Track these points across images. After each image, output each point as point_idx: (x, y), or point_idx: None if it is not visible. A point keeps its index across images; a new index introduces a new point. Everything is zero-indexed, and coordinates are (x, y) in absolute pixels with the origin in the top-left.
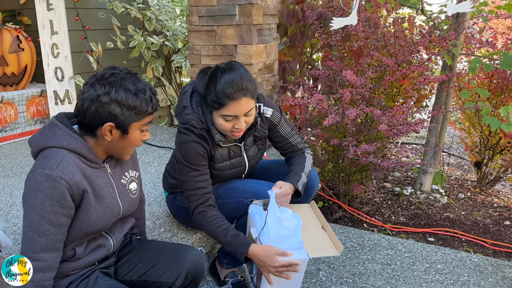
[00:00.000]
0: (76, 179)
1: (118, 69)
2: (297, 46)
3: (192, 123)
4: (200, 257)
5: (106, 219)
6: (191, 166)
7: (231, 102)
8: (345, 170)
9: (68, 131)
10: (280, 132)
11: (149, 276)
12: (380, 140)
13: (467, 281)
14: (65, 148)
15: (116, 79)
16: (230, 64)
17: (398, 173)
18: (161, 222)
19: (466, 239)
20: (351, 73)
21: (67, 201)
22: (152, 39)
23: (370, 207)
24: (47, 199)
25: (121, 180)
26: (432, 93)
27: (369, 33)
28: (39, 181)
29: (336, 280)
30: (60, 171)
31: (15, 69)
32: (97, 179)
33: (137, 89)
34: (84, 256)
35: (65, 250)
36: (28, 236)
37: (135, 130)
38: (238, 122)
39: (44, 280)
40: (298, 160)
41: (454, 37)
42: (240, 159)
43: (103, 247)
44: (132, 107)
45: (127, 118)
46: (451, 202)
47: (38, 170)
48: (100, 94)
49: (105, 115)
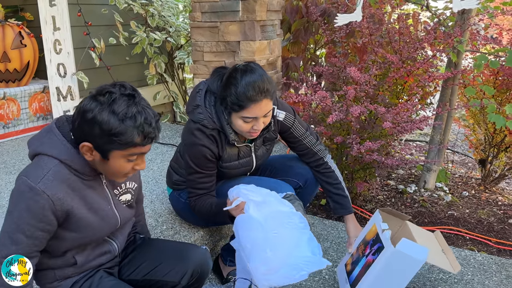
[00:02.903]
0: (59, 195)
1: (119, 88)
2: (301, 42)
3: (204, 122)
4: (205, 256)
5: (103, 230)
6: (196, 169)
7: (252, 105)
8: (348, 168)
9: (63, 140)
10: (294, 134)
11: (153, 275)
12: (384, 137)
13: (471, 280)
14: (56, 157)
15: (107, 99)
16: (248, 66)
17: (402, 170)
18: (163, 220)
19: (470, 237)
20: (355, 70)
21: (45, 217)
22: (155, 35)
23: (374, 204)
24: (25, 210)
25: (114, 191)
26: (436, 90)
27: (374, 30)
28: (21, 190)
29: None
30: (43, 185)
31: (17, 65)
32: (89, 192)
33: (125, 115)
34: (88, 262)
35: (66, 259)
36: (2, 240)
37: (117, 158)
38: (257, 124)
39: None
40: (330, 179)
41: (460, 34)
42: (249, 159)
43: (108, 253)
44: (112, 134)
45: (106, 144)
46: (455, 200)
47: (23, 177)
48: (86, 110)
49: (86, 132)
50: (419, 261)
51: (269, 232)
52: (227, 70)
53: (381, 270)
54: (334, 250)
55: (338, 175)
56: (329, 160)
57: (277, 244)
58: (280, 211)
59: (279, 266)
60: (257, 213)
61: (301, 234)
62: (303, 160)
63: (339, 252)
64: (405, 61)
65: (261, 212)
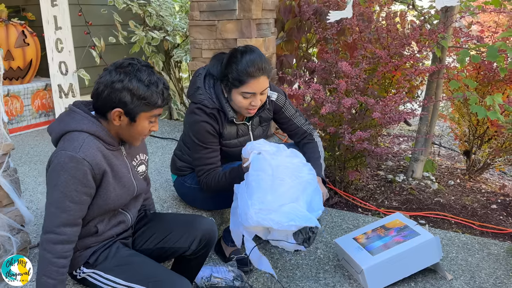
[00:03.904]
0: (97, 160)
1: (137, 61)
2: (294, 40)
3: (204, 102)
4: (212, 225)
5: (124, 196)
6: (202, 145)
7: (251, 80)
8: (341, 158)
9: (87, 116)
10: (285, 113)
11: (165, 243)
12: (374, 127)
13: (456, 257)
14: (86, 131)
15: (132, 69)
16: (248, 47)
17: (391, 162)
18: (168, 205)
19: (456, 221)
20: (346, 64)
21: (88, 181)
22: (153, 34)
23: (365, 193)
24: (70, 178)
25: (132, 162)
26: (422, 84)
27: (363, 27)
28: (62, 162)
29: (333, 257)
30: (83, 153)
31: (20, 63)
32: (115, 160)
33: (150, 81)
34: (106, 231)
35: (88, 227)
36: (51, 211)
37: (143, 119)
38: (255, 100)
39: (64, 252)
40: (311, 147)
41: (443, 30)
42: (247, 137)
43: (123, 222)
44: (142, 97)
45: (136, 107)
46: (441, 188)
47: (61, 152)
48: (114, 80)
49: (116, 101)
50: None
51: (276, 179)
52: (227, 53)
53: (414, 248)
54: (328, 233)
55: (320, 149)
56: (316, 136)
57: (279, 191)
58: (291, 162)
59: (273, 210)
60: (270, 159)
61: (305, 186)
62: (294, 139)
63: (332, 234)
64: (393, 56)
65: (273, 160)
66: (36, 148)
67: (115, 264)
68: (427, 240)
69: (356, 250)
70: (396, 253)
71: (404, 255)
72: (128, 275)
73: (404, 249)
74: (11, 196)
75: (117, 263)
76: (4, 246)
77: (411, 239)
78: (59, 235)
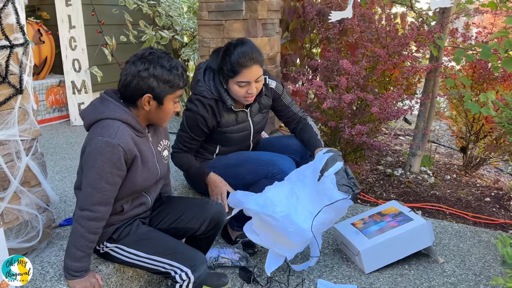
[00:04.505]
0: (129, 146)
1: (155, 49)
2: (298, 40)
3: (204, 93)
4: (221, 208)
5: (149, 180)
6: (187, 129)
7: (243, 70)
8: (341, 151)
9: (119, 105)
10: (283, 101)
11: (178, 223)
12: (373, 122)
13: (448, 244)
14: (119, 119)
15: (153, 57)
16: (240, 39)
17: (390, 158)
18: (178, 193)
19: (450, 212)
20: (347, 62)
21: (122, 165)
22: (163, 33)
23: (364, 186)
24: (106, 162)
25: (157, 147)
26: (420, 81)
27: (364, 28)
28: (99, 146)
29: (333, 242)
30: (118, 139)
31: (36, 60)
32: (143, 146)
33: (171, 66)
34: (129, 211)
35: (115, 206)
36: (87, 191)
37: (169, 101)
38: (250, 88)
39: (95, 228)
40: (307, 129)
41: (439, 30)
42: (246, 124)
43: (144, 204)
44: (166, 81)
45: (163, 91)
46: (438, 182)
47: (98, 137)
48: (140, 70)
49: (145, 87)
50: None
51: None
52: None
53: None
54: None
55: (315, 130)
56: (309, 120)
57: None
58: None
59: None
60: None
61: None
62: (290, 126)
63: None
64: (392, 55)
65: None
66: (51, 141)
67: (136, 239)
68: (420, 225)
69: (354, 234)
70: (391, 236)
71: (398, 239)
72: (148, 249)
73: (398, 232)
74: (39, 177)
75: (138, 238)
76: (31, 223)
77: (405, 224)
78: (93, 213)
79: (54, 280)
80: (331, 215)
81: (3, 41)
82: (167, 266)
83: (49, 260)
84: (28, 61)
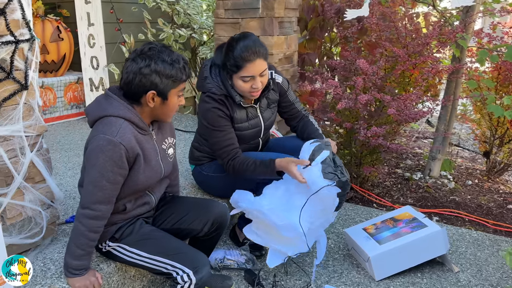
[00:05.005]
0: (132, 144)
1: (154, 44)
2: (317, 39)
3: (213, 90)
4: (224, 209)
5: (152, 178)
6: (216, 129)
7: (247, 64)
8: (357, 154)
9: (123, 102)
10: (288, 97)
11: (181, 224)
12: (390, 124)
13: (465, 252)
14: (122, 117)
15: (154, 53)
16: (243, 33)
17: (410, 161)
18: (187, 192)
19: (469, 219)
20: (364, 61)
21: (123, 163)
22: (180, 32)
23: (381, 189)
24: (108, 160)
25: (162, 145)
26: (440, 83)
27: (383, 27)
28: (101, 144)
29: (344, 247)
30: (120, 137)
31: (55, 57)
32: (146, 144)
33: (172, 60)
34: (132, 210)
35: (117, 205)
36: (88, 189)
37: (173, 96)
38: (255, 82)
39: (96, 227)
40: (309, 124)
41: (461, 30)
42: (257, 120)
43: (148, 204)
44: (169, 76)
45: (166, 86)
46: (458, 187)
47: (100, 135)
48: (142, 66)
49: (148, 84)
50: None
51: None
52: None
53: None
54: (340, 225)
55: (317, 126)
56: (311, 117)
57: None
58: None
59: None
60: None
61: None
62: (292, 123)
63: (345, 226)
64: (411, 55)
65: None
66: (67, 138)
67: (139, 238)
68: (434, 232)
69: (365, 239)
70: (403, 243)
71: (410, 245)
72: (150, 248)
73: (410, 239)
74: (43, 173)
75: (140, 238)
76: (35, 219)
77: (419, 230)
78: (94, 211)
79: (54, 278)
80: (319, 206)
81: (8, 37)
82: (169, 267)
83: (52, 257)
84: (34, 57)
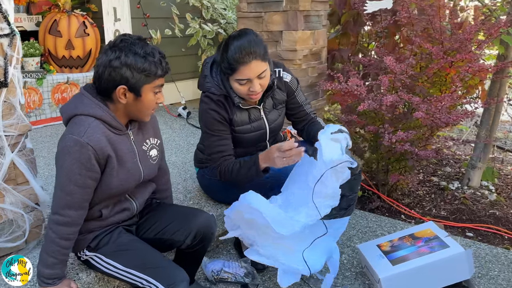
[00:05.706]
0: (101, 144)
1: (129, 36)
2: (350, 34)
3: (212, 90)
4: (209, 221)
5: (128, 182)
6: (210, 132)
7: (241, 66)
8: (384, 160)
9: (94, 100)
10: (297, 99)
11: (163, 234)
12: (419, 128)
13: (497, 276)
14: (92, 115)
15: (125, 45)
16: (240, 31)
17: (450, 168)
18: (191, 196)
19: (510, 237)
20: (391, 59)
21: (92, 165)
22: (207, 27)
23: (412, 199)
24: (75, 162)
25: (142, 146)
26: (482, 83)
27: (417, 21)
28: (68, 145)
29: (357, 264)
30: (87, 137)
31: (80, 53)
32: (120, 145)
33: (145, 52)
34: (110, 217)
35: (92, 212)
36: (57, 194)
37: (148, 92)
38: (252, 85)
39: (67, 234)
40: (317, 123)
41: (504, 24)
42: (260, 122)
43: (128, 210)
44: (141, 70)
45: (138, 81)
46: (501, 199)
47: (68, 135)
48: (111, 59)
49: (118, 78)
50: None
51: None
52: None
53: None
54: (358, 238)
55: (323, 124)
56: (319, 119)
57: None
58: None
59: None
60: None
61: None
62: (299, 126)
63: (363, 240)
64: (447, 52)
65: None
66: None
67: (115, 249)
68: (455, 254)
69: (377, 257)
70: (418, 265)
71: (427, 268)
72: (126, 261)
73: (427, 261)
74: (26, 175)
75: (117, 248)
76: (17, 222)
77: (438, 251)
78: (63, 217)
79: (29, 285)
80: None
81: None
82: (144, 282)
83: (34, 262)
84: (15, 53)
